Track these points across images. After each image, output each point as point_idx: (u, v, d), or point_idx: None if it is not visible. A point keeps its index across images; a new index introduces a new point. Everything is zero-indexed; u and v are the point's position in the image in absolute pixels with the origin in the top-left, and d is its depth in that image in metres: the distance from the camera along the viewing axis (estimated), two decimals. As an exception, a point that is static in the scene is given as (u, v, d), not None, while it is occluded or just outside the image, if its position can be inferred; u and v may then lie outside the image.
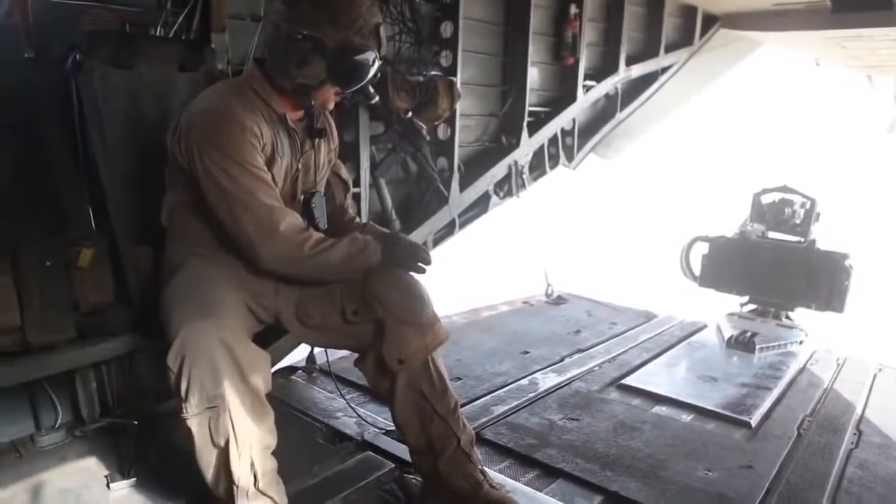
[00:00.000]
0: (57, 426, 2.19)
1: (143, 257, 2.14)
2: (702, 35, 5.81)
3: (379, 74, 1.98)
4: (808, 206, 4.54)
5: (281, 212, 1.84)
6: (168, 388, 1.73)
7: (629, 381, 3.36)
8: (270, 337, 2.35)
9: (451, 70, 3.63)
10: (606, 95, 5.14)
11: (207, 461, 1.76)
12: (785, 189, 4.64)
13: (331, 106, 1.99)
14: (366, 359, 2.08)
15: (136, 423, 2.26)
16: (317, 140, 2.05)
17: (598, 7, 4.83)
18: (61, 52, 2.11)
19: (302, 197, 2.07)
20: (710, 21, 5.84)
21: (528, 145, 4.35)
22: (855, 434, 2.89)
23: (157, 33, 2.41)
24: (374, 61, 1.85)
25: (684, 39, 5.72)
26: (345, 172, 2.39)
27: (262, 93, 1.90)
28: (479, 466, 2.13)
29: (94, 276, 2.05)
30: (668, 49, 5.51)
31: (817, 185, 4.93)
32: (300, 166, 2.03)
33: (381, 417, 2.69)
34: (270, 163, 1.90)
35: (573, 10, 4.40)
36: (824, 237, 4.47)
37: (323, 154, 2.13)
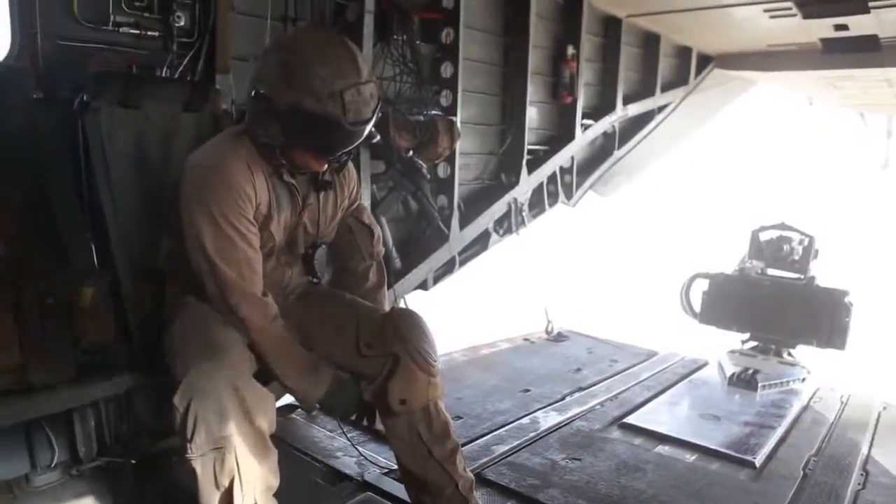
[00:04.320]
0: (53, 465, 2.14)
1: (143, 296, 2.14)
2: (697, 75, 5.95)
3: (360, 141, 1.82)
4: (806, 242, 4.57)
5: (240, 292, 1.79)
6: (166, 427, 1.71)
7: (631, 419, 3.33)
8: (268, 375, 2.34)
9: (451, 109, 3.69)
10: (604, 134, 5.23)
11: (209, 502, 1.74)
12: (783, 226, 4.67)
13: (321, 169, 1.89)
14: (368, 388, 2.07)
15: (133, 462, 2.22)
16: (322, 193, 2.01)
17: (595, 48, 4.95)
18: (69, 93, 2.14)
19: (303, 251, 2.07)
20: (705, 61, 5.98)
21: (528, 183, 4.40)
22: (862, 475, 2.85)
23: (164, 74, 2.46)
24: (340, 128, 1.71)
25: (680, 79, 5.85)
26: (368, 217, 2.30)
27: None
28: (479, 510, 2.10)
29: (95, 314, 2.04)
30: (665, 88, 5.64)
31: (815, 222, 4.96)
32: (306, 220, 2.01)
33: (381, 457, 2.66)
34: (267, 219, 1.89)
35: (570, 50, 4.51)
36: (823, 274, 4.48)
37: (330, 207, 2.08)
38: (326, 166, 1.91)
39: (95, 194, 2.13)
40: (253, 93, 1.77)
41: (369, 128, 1.78)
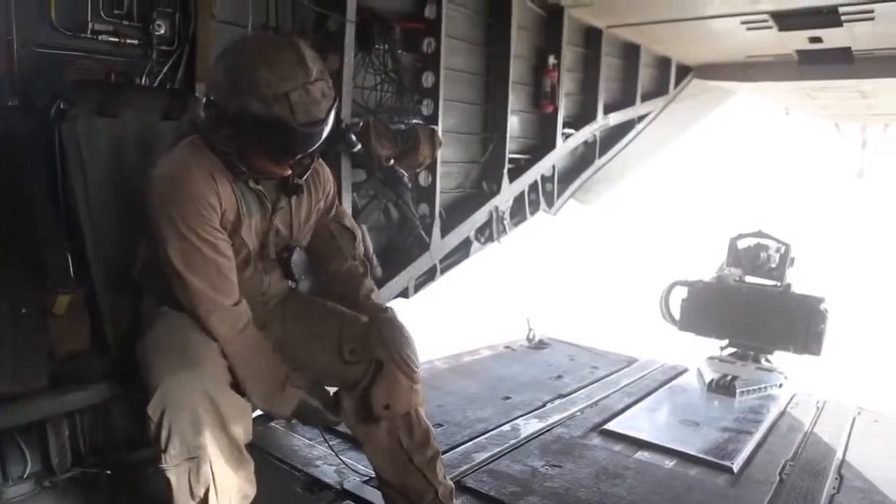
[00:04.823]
0: (25, 476, 2.11)
1: (120, 305, 2.12)
2: (676, 85, 6.05)
3: (318, 143, 1.77)
4: (782, 250, 4.63)
5: (210, 302, 1.79)
6: (142, 436, 1.70)
7: (611, 426, 3.35)
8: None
9: (433, 118, 3.70)
10: (585, 142, 5.28)
11: (184, 512, 1.72)
12: (760, 234, 4.74)
13: (283, 174, 1.85)
14: (349, 395, 2.07)
15: (108, 473, 2.20)
16: (293, 197, 1.99)
17: (576, 58, 5.00)
18: (46, 100, 2.12)
19: (277, 255, 2.05)
20: (684, 72, 6.08)
21: (509, 191, 4.43)
22: (836, 479, 2.89)
23: (143, 83, 2.45)
24: (291, 130, 1.66)
25: (660, 89, 5.93)
26: (348, 220, 2.30)
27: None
28: (459, 517, 2.11)
29: (71, 323, 2.02)
30: (645, 98, 5.71)
31: (791, 230, 5.04)
32: (278, 224, 1.98)
33: (361, 465, 2.64)
34: (237, 226, 1.86)
35: (551, 60, 4.55)
36: (800, 281, 4.55)
37: (304, 209, 2.06)
38: (290, 171, 1.87)
39: (72, 203, 2.11)
40: (205, 100, 1.76)
41: (327, 128, 1.73)
